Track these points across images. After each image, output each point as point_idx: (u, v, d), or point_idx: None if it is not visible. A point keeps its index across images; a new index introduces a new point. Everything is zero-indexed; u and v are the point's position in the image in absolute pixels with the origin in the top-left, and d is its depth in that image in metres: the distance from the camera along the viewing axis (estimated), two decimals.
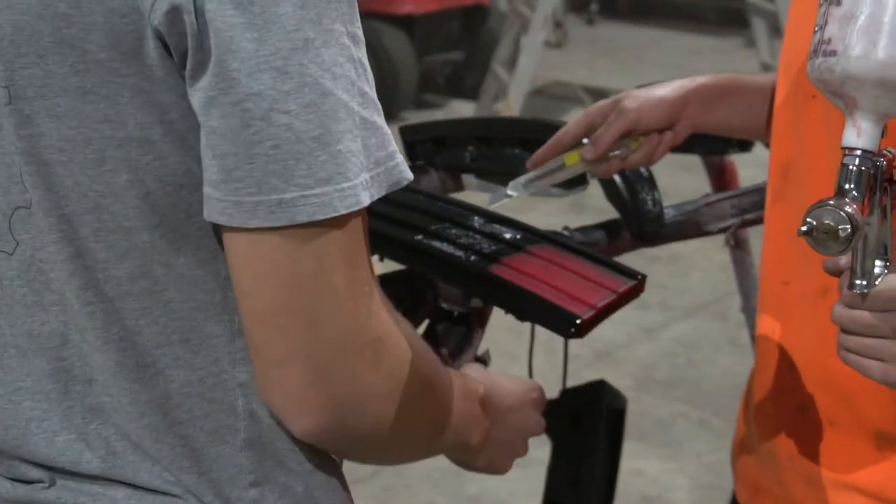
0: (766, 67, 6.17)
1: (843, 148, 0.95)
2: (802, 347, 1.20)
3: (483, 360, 1.42)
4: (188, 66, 0.83)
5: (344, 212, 0.83)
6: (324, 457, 0.97)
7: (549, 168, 1.31)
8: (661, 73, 1.37)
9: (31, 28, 0.85)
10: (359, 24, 0.88)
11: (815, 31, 0.97)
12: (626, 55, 8.62)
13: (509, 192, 1.27)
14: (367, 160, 0.85)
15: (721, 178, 1.97)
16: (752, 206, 1.65)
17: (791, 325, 1.21)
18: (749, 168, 2.16)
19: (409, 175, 0.89)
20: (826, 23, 0.96)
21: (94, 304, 0.90)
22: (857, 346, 0.99)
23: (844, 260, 1.00)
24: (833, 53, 0.94)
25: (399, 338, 0.92)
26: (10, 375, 0.95)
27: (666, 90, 1.33)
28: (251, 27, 0.81)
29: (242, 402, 0.93)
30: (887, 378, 0.99)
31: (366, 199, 0.85)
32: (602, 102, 1.34)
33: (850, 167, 0.94)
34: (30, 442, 0.94)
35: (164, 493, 0.92)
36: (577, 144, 1.33)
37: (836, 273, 1.01)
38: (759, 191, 1.66)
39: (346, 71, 0.84)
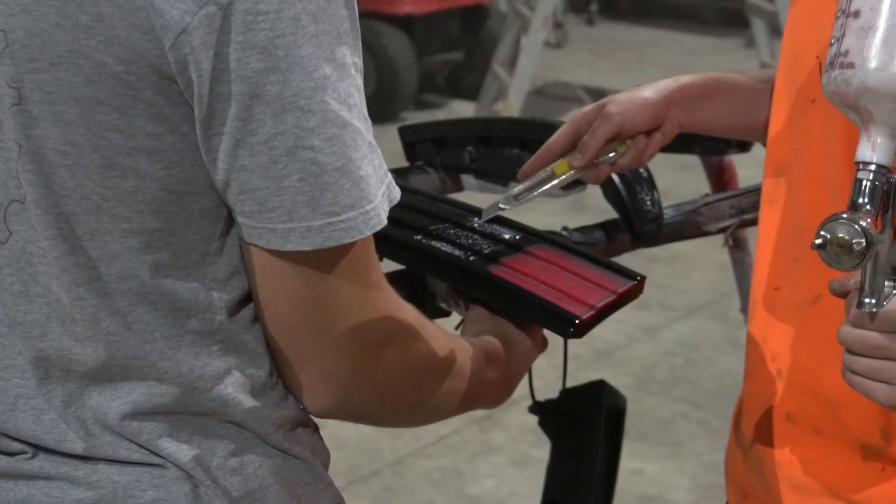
0: (766, 67, 6.17)
1: (858, 162, 0.94)
2: (791, 355, 1.19)
3: None
4: (199, 109, 0.87)
5: (369, 233, 0.91)
6: (305, 436, 1.03)
7: (539, 178, 1.31)
8: (661, 73, 1.36)
9: (47, 35, 0.86)
10: (360, 53, 0.93)
11: (831, 44, 0.96)
12: (626, 55, 8.62)
13: (501, 205, 1.28)
14: (377, 180, 0.91)
15: (720, 178, 1.97)
16: (751, 206, 1.65)
17: (781, 332, 1.20)
18: (748, 168, 2.16)
19: (398, 190, 0.95)
20: (843, 35, 0.94)
21: (84, 300, 0.92)
22: (863, 368, 0.98)
23: (852, 280, 0.98)
24: (851, 66, 0.93)
25: (404, 328, 1.00)
26: (1, 353, 0.97)
27: (649, 91, 1.32)
28: (276, 71, 0.86)
29: (230, 391, 0.96)
30: (892, 401, 0.97)
31: (385, 218, 0.92)
32: (586, 109, 1.34)
33: (865, 182, 0.93)
34: (17, 418, 0.96)
35: (145, 465, 0.95)
36: (565, 153, 1.33)
37: (843, 294, 0.99)
38: (758, 191, 1.65)
39: (356, 100, 0.90)
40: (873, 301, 0.95)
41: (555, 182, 1.31)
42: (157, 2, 0.84)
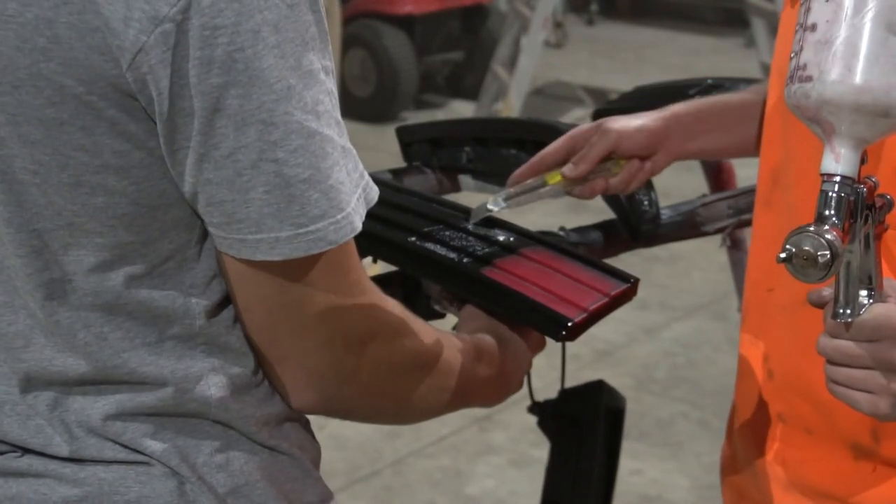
0: (766, 67, 6.16)
1: (822, 174, 0.94)
2: (782, 356, 1.19)
3: None
4: (161, 125, 0.86)
5: (341, 242, 0.90)
6: (292, 432, 1.03)
7: (531, 185, 1.32)
8: (661, 73, 1.37)
9: (7, 59, 0.86)
10: (330, 55, 0.91)
11: (791, 58, 0.97)
12: (626, 55, 8.62)
13: (490, 206, 1.28)
14: (351, 186, 0.90)
15: (719, 178, 1.97)
16: (749, 206, 1.64)
17: (772, 333, 1.20)
18: (747, 168, 2.15)
19: (377, 191, 0.95)
20: (801, 49, 0.95)
21: (58, 314, 0.93)
22: (844, 378, 0.98)
23: (828, 291, 0.98)
24: (809, 79, 0.93)
25: (386, 325, 1.00)
26: None
27: (646, 119, 1.34)
28: (236, 85, 0.84)
29: (214, 391, 0.96)
30: (876, 410, 0.97)
31: (359, 224, 0.91)
32: (584, 126, 1.35)
33: (830, 193, 0.93)
34: (3, 423, 0.97)
35: (130, 463, 0.96)
36: (559, 165, 1.34)
37: (820, 305, 0.99)
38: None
39: (327, 106, 0.89)
40: (848, 311, 0.96)
41: (545, 190, 1.32)
42: (112, 22, 0.83)
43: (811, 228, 0.91)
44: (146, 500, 0.95)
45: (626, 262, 1.38)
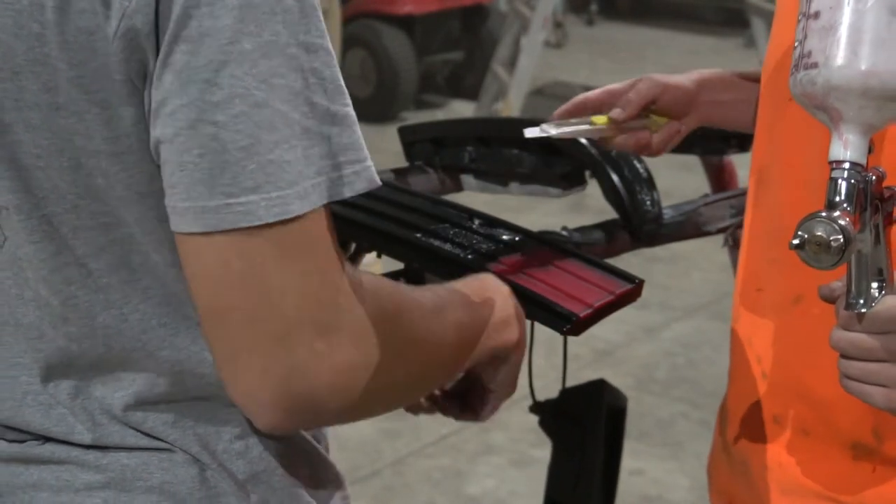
0: None
1: (831, 162, 0.93)
2: (776, 356, 1.18)
3: None
4: (150, 89, 0.86)
5: (270, 220, 0.84)
6: None
7: (577, 122, 1.30)
8: (661, 73, 1.37)
9: (7, 46, 0.87)
10: (318, 32, 0.87)
11: (794, 47, 0.96)
12: (626, 55, 8.63)
13: (545, 127, 1.27)
14: (307, 168, 0.85)
15: (720, 178, 1.97)
16: None
17: (764, 333, 1.19)
18: (748, 168, 2.16)
19: (376, 181, 0.89)
20: (805, 37, 0.94)
21: (77, 297, 0.93)
22: (858, 373, 0.97)
23: (838, 284, 0.98)
24: (815, 66, 0.93)
25: (364, 317, 0.90)
26: (8, 352, 0.98)
27: (681, 78, 1.34)
28: (185, 40, 0.83)
29: None
30: (891, 404, 0.97)
31: (298, 209, 0.85)
32: (618, 83, 1.34)
33: (840, 180, 0.92)
34: (25, 413, 0.97)
35: (153, 450, 0.96)
36: (597, 111, 1.32)
37: (832, 299, 0.99)
38: None
39: (289, 81, 0.85)
40: (861, 302, 0.95)
41: (591, 128, 1.30)
42: (97, 2, 0.84)
43: (823, 214, 0.90)
44: (168, 486, 0.96)
45: (626, 261, 1.38)
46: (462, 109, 6.73)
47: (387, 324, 0.92)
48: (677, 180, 3.94)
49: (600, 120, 1.30)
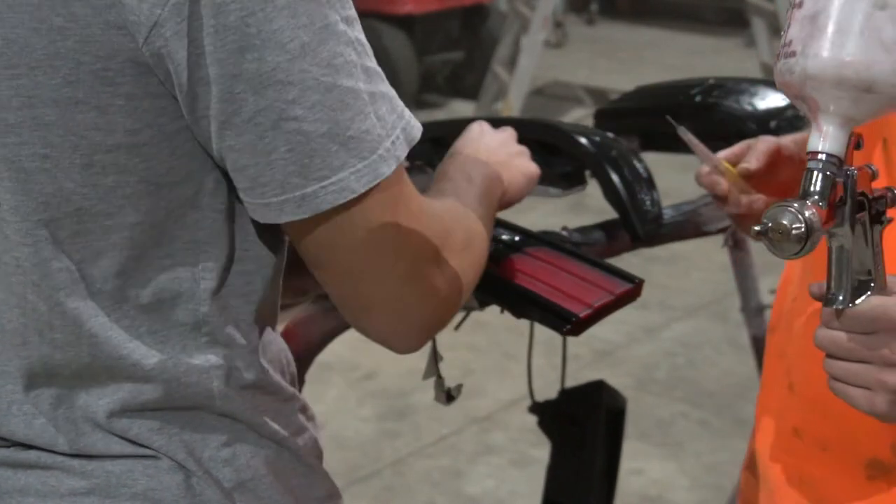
0: (766, 67, 6.16)
1: (808, 152, 0.93)
2: (802, 368, 1.17)
3: (452, 396, 1.43)
4: (182, 96, 0.88)
5: (363, 190, 0.90)
6: (298, 427, 1.03)
7: (712, 159, 1.32)
8: (661, 73, 1.37)
9: (24, 41, 0.87)
10: (350, 4, 0.93)
11: (781, 36, 0.96)
12: (626, 55, 8.62)
13: (683, 130, 1.29)
14: (383, 130, 0.91)
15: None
16: None
17: (792, 344, 1.19)
18: None
19: (419, 127, 0.96)
20: (789, 26, 0.94)
21: (64, 304, 0.93)
22: (840, 373, 0.96)
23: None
24: (793, 55, 0.93)
25: (449, 232, 1.02)
26: None
27: (787, 142, 1.33)
28: (251, 49, 0.86)
29: (217, 384, 0.97)
30: (873, 408, 0.96)
31: (387, 169, 0.91)
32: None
33: (815, 171, 0.91)
34: (10, 422, 0.97)
35: (138, 457, 0.96)
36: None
37: (820, 298, 0.98)
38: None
39: (348, 57, 0.90)
40: (840, 298, 0.95)
41: (717, 169, 1.31)
42: None
43: (794, 204, 0.89)
44: (153, 493, 0.96)
45: (626, 261, 1.38)
46: (462, 109, 6.73)
47: (458, 233, 1.04)
48: (677, 180, 3.94)
49: (729, 169, 1.32)
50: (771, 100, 1.69)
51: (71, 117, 0.88)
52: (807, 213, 0.89)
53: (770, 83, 1.78)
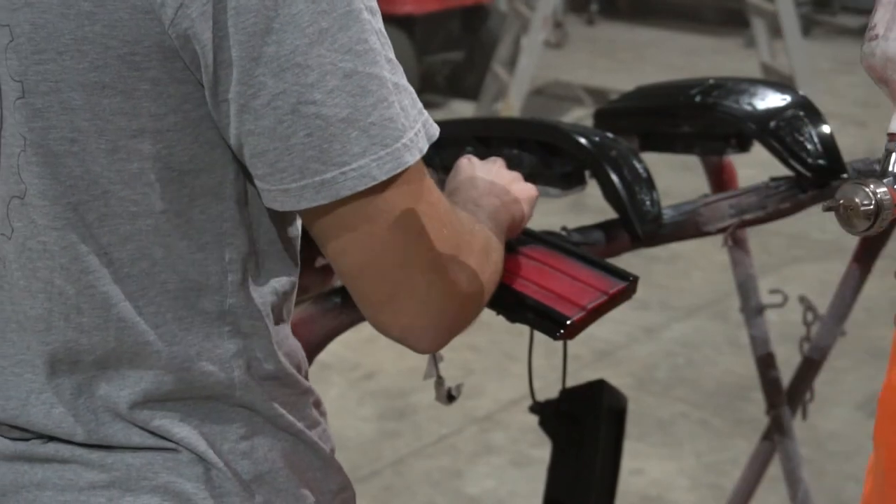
0: (766, 67, 6.16)
1: (888, 133, 0.94)
2: None
3: (452, 396, 1.43)
4: (206, 78, 0.89)
5: (384, 178, 0.90)
6: (314, 421, 1.04)
7: None
8: (661, 73, 1.37)
9: (52, 26, 0.88)
10: None
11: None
12: (626, 55, 8.62)
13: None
14: (406, 121, 0.91)
15: (720, 178, 1.97)
16: (751, 206, 1.65)
17: None
18: (748, 168, 2.16)
19: (437, 127, 0.96)
20: (875, 10, 0.95)
21: (94, 287, 0.94)
22: None
23: None
24: (875, 38, 0.94)
25: (470, 232, 1.02)
26: (13, 348, 0.98)
27: None
28: (270, 31, 0.86)
29: (238, 374, 0.98)
30: None
31: (410, 158, 0.91)
32: None
33: (894, 153, 0.93)
34: (29, 412, 0.98)
35: (158, 449, 0.97)
36: None
37: None
38: (758, 191, 1.66)
39: (372, 45, 0.90)
40: None
41: None
42: None
43: (868, 182, 0.91)
44: (173, 486, 0.96)
45: (626, 261, 1.38)
46: (462, 109, 6.73)
47: (478, 234, 1.05)
48: (677, 180, 3.94)
49: None
50: (771, 100, 1.69)
51: (97, 102, 0.89)
52: (879, 192, 0.90)
53: (770, 83, 1.78)
